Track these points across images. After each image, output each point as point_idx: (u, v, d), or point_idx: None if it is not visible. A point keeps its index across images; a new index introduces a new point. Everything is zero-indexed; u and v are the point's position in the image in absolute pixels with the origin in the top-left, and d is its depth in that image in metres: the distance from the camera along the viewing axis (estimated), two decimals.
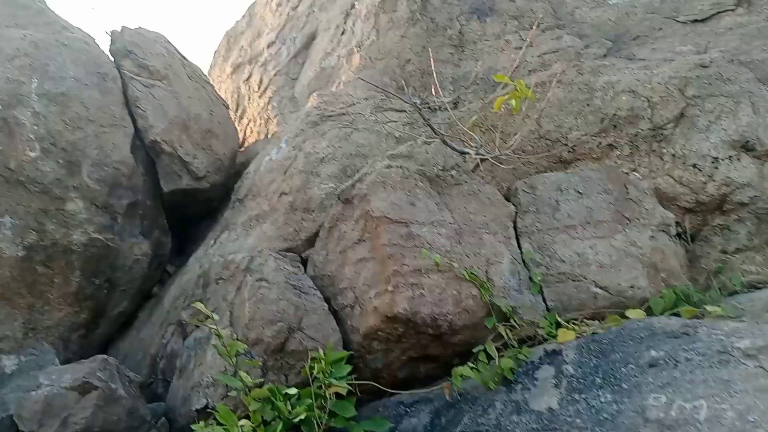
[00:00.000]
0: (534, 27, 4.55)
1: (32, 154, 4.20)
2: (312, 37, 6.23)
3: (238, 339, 3.21)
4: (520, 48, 4.81)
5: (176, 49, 5.40)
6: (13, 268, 4.19)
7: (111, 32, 4.97)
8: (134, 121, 4.75)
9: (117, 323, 4.94)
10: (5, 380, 3.68)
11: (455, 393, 2.77)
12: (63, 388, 3.35)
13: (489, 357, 2.74)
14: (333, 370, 2.85)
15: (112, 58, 4.90)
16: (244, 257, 3.88)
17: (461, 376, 2.67)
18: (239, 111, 6.81)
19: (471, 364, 2.70)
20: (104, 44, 5.04)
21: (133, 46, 4.89)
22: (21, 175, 4.18)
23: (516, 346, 2.80)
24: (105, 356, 3.63)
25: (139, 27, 5.18)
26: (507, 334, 2.81)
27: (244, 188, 4.82)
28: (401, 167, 3.56)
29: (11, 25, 4.35)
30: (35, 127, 4.19)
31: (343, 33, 5.84)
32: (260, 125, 6.11)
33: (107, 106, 4.56)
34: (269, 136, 5.83)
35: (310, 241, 3.90)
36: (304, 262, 3.83)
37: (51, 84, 4.27)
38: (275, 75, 6.27)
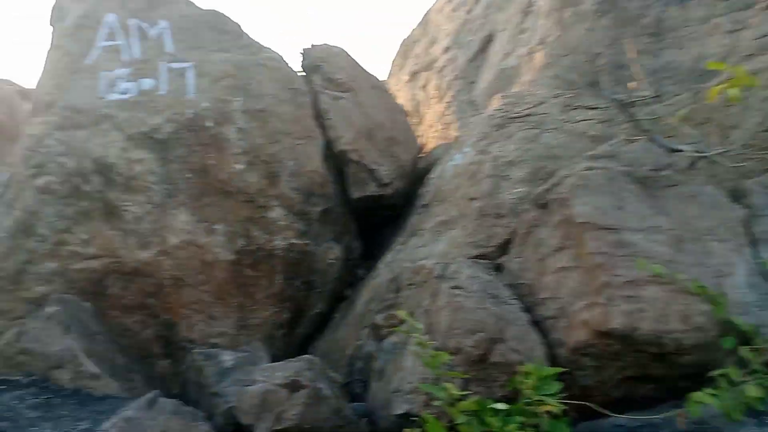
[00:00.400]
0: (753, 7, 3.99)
1: (238, 167, 4.58)
2: (489, 40, 6.11)
3: (437, 347, 3.18)
4: (732, 32, 4.27)
5: (357, 62, 5.59)
6: (226, 270, 4.58)
7: (303, 50, 5.29)
8: (324, 132, 4.99)
9: (314, 323, 5.21)
10: (225, 373, 4.01)
11: (689, 422, 2.47)
12: (276, 385, 3.55)
13: (730, 383, 2.41)
14: (541, 385, 2.69)
15: (303, 74, 5.20)
16: (436, 264, 3.86)
17: (698, 402, 2.37)
18: (417, 117, 6.89)
19: (711, 390, 2.39)
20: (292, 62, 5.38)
21: (321, 62, 5.14)
22: (230, 186, 4.57)
23: (762, 371, 2.43)
24: (310, 356, 3.81)
25: (325, 43, 5.45)
26: (750, 357, 2.45)
27: (429, 194, 4.83)
28: (604, 168, 3.31)
29: (216, 49, 4.78)
30: (240, 142, 4.56)
31: (522, 32, 5.64)
32: (439, 131, 6.12)
33: (300, 120, 4.84)
34: (450, 140, 5.80)
35: (503, 248, 3.78)
36: (498, 270, 3.72)
37: (252, 101, 4.63)
38: (453, 80, 6.25)
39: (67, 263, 4.22)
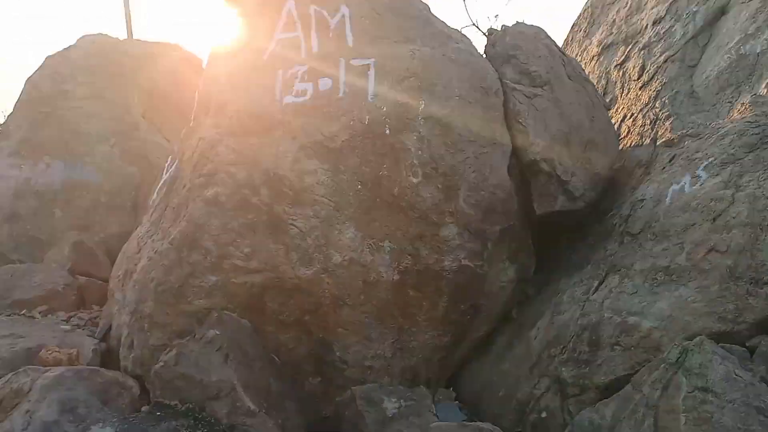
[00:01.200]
0: None
1: (414, 180, 3.98)
2: (721, 12, 4.86)
3: None
4: None
5: (555, 45, 4.65)
6: (389, 291, 4.11)
7: (489, 33, 4.45)
8: (513, 137, 4.20)
9: (473, 346, 4.65)
10: (386, 423, 3.58)
11: None
12: None
13: None
14: None
15: (490, 63, 4.39)
16: (663, 337, 3.06)
17: None
18: (607, 100, 5.81)
19: None
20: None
21: (515, 49, 4.29)
22: (402, 201, 4.01)
23: None
24: (492, 428, 3.24)
25: (518, 23, 4.55)
26: None
27: (638, 220, 3.91)
28: None
29: (400, 39, 4.10)
30: (419, 152, 3.94)
31: None
32: (643, 126, 5.06)
33: (488, 124, 4.09)
34: (657, 141, 4.74)
35: (761, 327, 2.86)
36: (748, 356, 2.82)
37: (437, 105, 3.95)
38: (665, 61, 5.10)
39: (228, 277, 3.92)
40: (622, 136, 5.32)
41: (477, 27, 4.71)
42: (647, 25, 5.56)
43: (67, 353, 3.89)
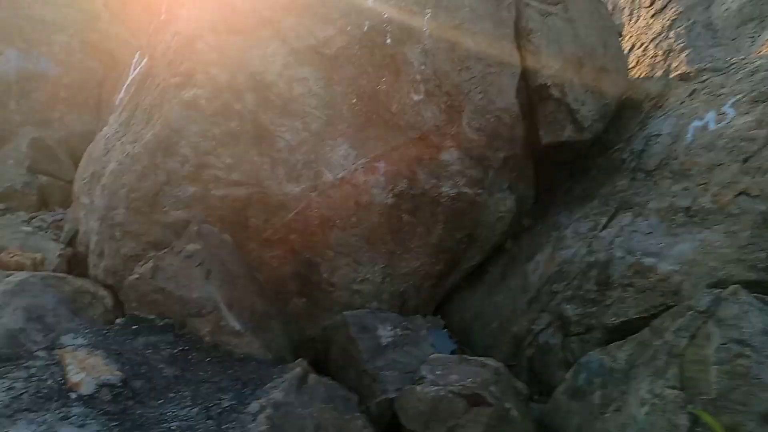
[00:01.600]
0: None
1: (415, 98, 3.64)
2: None
3: (693, 407, 2.36)
4: None
5: None
6: (381, 214, 3.87)
7: None
8: (522, 58, 3.85)
9: (465, 274, 4.52)
10: (380, 351, 3.38)
11: None
12: (451, 393, 2.91)
13: None
14: None
15: None
16: (684, 282, 2.90)
17: None
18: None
19: None
20: None
21: None
22: (401, 120, 3.68)
23: None
24: (496, 365, 3.08)
25: None
26: None
27: (652, 157, 3.70)
28: None
29: None
30: (422, 67, 3.58)
31: None
32: (654, 57, 4.77)
33: (498, 41, 3.73)
34: (671, 74, 4.48)
35: None
36: None
37: (445, 15, 3.56)
38: None
39: (207, 188, 3.56)
40: (631, 67, 5.03)
41: None
42: None
43: (31, 257, 3.52)
